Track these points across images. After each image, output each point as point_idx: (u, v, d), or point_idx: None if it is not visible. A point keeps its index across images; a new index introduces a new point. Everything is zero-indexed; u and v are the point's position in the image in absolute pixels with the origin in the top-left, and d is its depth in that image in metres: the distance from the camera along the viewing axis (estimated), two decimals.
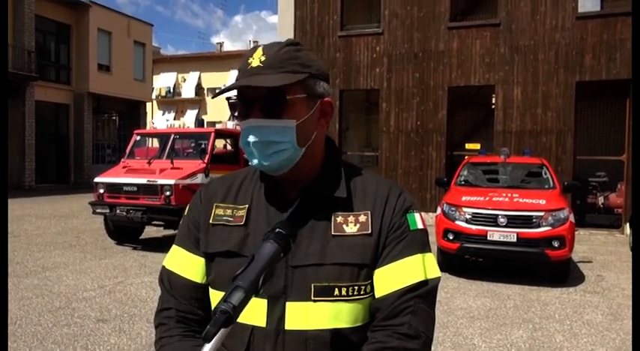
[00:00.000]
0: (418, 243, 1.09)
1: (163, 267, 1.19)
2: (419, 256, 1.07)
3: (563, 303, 5.88)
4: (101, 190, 8.81)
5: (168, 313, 1.14)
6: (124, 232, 9.16)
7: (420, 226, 1.11)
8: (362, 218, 1.07)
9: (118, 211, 8.47)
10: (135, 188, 8.53)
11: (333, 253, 1.04)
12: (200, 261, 1.14)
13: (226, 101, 1.07)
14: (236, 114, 1.08)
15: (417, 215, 1.12)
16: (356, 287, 1.04)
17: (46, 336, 4.47)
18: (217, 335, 0.84)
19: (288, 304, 1.03)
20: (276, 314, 1.04)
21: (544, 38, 12.09)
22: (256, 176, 1.16)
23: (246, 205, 1.13)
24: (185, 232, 1.18)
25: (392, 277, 1.05)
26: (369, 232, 1.06)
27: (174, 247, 1.20)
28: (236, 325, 1.03)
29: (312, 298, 1.03)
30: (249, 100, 1.05)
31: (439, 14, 12.88)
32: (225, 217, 1.12)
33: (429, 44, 13.00)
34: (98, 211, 8.78)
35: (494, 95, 12.96)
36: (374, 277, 1.06)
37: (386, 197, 1.10)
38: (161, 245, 8.96)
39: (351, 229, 1.06)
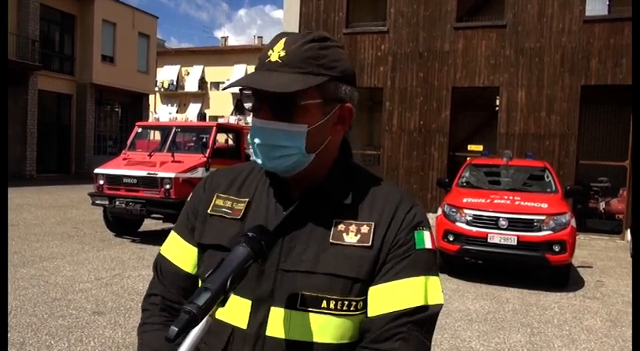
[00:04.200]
0: (423, 264, 0.99)
1: (159, 252, 1.18)
2: (421, 278, 0.98)
3: (563, 308, 5.85)
4: (101, 182, 8.77)
5: (155, 299, 1.13)
6: (122, 224, 9.13)
7: (428, 245, 1.01)
8: (364, 229, 0.99)
9: (117, 202, 8.43)
10: (135, 180, 8.49)
11: (327, 263, 0.97)
12: (193, 250, 1.11)
13: (239, 92, 1.02)
14: (249, 107, 1.01)
15: (426, 233, 1.02)
16: (346, 302, 0.96)
17: (40, 327, 4.44)
18: (191, 336, 0.82)
19: (272, 309, 0.98)
20: (258, 318, 0.98)
21: (550, 41, 12.02)
22: (263, 171, 1.11)
23: (247, 199, 1.08)
24: (184, 220, 1.15)
25: (387, 297, 0.96)
26: (369, 244, 0.98)
27: (172, 234, 1.17)
28: (218, 322, 0.99)
29: (298, 306, 0.97)
30: (261, 97, 0.98)
31: (445, 14, 12.82)
32: (223, 209, 1.08)
33: (434, 44, 12.94)
34: (97, 202, 8.74)
35: (498, 97, 12.90)
36: (368, 294, 0.98)
37: (394, 210, 1.02)
38: (160, 238, 8.89)
39: (350, 238, 0.99)
